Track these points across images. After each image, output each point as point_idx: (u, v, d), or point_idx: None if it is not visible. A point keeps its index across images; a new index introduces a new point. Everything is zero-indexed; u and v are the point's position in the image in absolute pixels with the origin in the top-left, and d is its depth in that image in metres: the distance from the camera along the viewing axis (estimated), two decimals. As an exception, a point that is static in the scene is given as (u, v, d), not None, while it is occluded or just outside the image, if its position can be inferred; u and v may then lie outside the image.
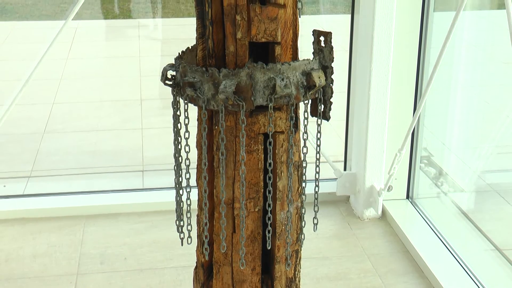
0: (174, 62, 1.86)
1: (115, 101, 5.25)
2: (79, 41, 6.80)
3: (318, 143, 1.87)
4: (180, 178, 1.95)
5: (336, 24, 6.74)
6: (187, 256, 2.85)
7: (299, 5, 1.75)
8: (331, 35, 1.76)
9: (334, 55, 1.80)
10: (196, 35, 1.81)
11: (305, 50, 1.93)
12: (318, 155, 1.89)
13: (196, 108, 1.82)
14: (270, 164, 1.77)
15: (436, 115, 3.62)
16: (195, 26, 1.80)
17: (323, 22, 6.91)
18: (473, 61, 3.71)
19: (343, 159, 3.60)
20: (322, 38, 1.78)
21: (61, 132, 4.58)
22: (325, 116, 1.82)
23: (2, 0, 8.23)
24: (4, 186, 3.75)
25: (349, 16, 3.43)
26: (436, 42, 3.24)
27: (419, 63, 3.28)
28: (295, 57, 1.78)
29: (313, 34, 1.81)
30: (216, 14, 1.72)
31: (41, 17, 8.24)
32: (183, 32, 6.51)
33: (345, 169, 3.56)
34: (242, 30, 1.69)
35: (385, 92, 3.20)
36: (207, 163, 1.80)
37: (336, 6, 7.22)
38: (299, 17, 1.76)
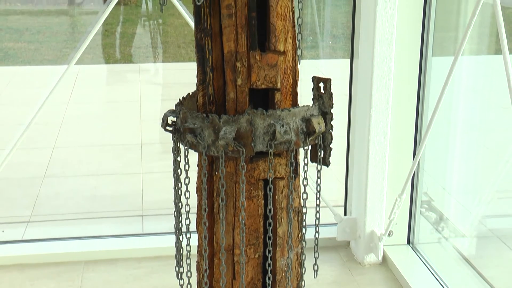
0: (174, 108, 1.87)
1: (116, 145, 5.26)
2: (81, 85, 6.85)
3: (318, 189, 1.87)
4: (180, 224, 1.94)
5: (336, 69, 6.79)
6: (187, 303, 2.82)
7: (298, 52, 1.77)
8: (331, 82, 1.78)
9: (334, 101, 1.81)
10: (196, 81, 1.83)
11: (305, 94, 1.95)
12: (318, 201, 1.88)
13: (196, 153, 1.82)
14: (270, 210, 1.77)
15: (436, 160, 3.62)
16: (196, 71, 1.82)
17: (322, 66, 6.97)
18: (472, 105, 3.73)
19: (343, 203, 3.59)
20: (321, 85, 1.80)
21: (61, 177, 4.57)
22: (325, 162, 1.83)
23: (5, 45, 8.33)
24: (3, 231, 3.73)
25: (349, 60, 3.46)
26: (434, 87, 3.26)
27: (418, 107, 3.29)
28: (294, 103, 1.79)
29: (312, 81, 1.83)
30: (216, 60, 1.74)
31: (43, 62, 8.31)
32: (184, 76, 6.56)
33: (345, 214, 3.55)
34: (242, 77, 1.71)
35: (385, 137, 3.20)
36: (207, 209, 1.80)
37: (335, 51, 7.29)
38: (299, 63, 1.78)
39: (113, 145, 5.28)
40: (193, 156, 1.82)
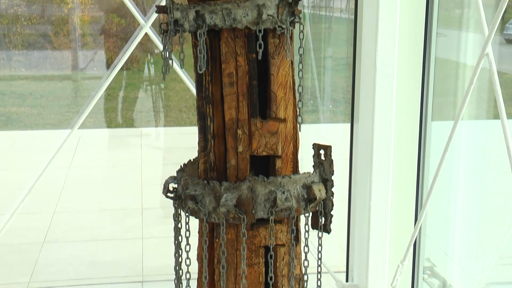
0: (176, 174, 1.87)
1: (116, 210, 5.24)
2: (82, 149, 6.88)
3: (320, 256, 1.85)
4: (181, 292, 1.92)
5: (336, 133, 6.83)
6: None
7: (299, 119, 1.79)
8: (331, 149, 1.79)
9: (334, 165, 1.82)
10: (198, 147, 1.84)
11: (306, 158, 1.95)
12: (319, 268, 1.87)
13: (197, 219, 1.82)
14: (271, 277, 1.75)
15: (437, 225, 3.60)
16: (197, 137, 1.83)
17: (323, 130, 7.01)
18: (472, 170, 3.74)
19: (344, 269, 3.55)
20: (322, 152, 1.81)
21: (60, 242, 4.54)
22: (326, 228, 1.82)
23: (8, 110, 8.40)
24: (0, 298, 3.68)
25: (349, 125, 3.48)
26: (435, 152, 3.27)
27: (419, 172, 3.30)
28: (295, 170, 1.80)
29: (313, 148, 1.84)
30: (218, 128, 1.76)
31: (46, 126, 8.37)
32: (185, 140, 6.61)
33: (347, 280, 3.50)
34: (244, 144, 1.72)
35: (386, 202, 3.20)
36: (207, 276, 1.78)
37: (336, 115, 7.36)
38: (299, 131, 1.80)
39: (114, 209, 5.27)
40: (194, 222, 1.82)
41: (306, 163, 1.92)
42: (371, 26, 3.10)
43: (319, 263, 1.86)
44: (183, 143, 7.00)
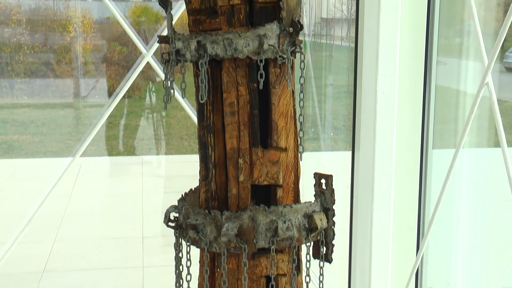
0: (177, 203, 1.87)
1: (117, 238, 5.22)
2: (83, 177, 6.87)
3: (321, 286, 1.84)
4: (181, 322, 1.90)
5: (337, 161, 6.83)
6: None
7: (300, 148, 1.79)
8: (332, 178, 1.79)
9: (335, 194, 1.82)
10: (199, 176, 1.84)
11: (306, 187, 1.95)
12: (321, 298, 1.86)
13: (198, 249, 1.81)
14: (272, 308, 1.74)
15: (439, 254, 3.58)
16: (198, 166, 1.83)
17: (324, 158, 7.01)
18: (474, 198, 3.73)
19: (347, 299, 3.53)
20: (323, 181, 1.81)
21: (60, 271, 4.52)
22: (327, 258, 1.81)
23: (10, 137, 8.42)
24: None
25: (350, 153, 3.48)
26: (436, 180, 3.27)
27: (420, 200, 3.29)
28: (296, 199, 1.80)
29: (314, 177, 1.83)
30: (219, 157, 1.76)
31: (47, 154, 8.38)
32: (186, 169, 6.60)
33: (349, 309, 3.48)
34: (245, 173, 1.72)
35: (387, 231, 3.18)
36: (209, 307, 1.77)
37: (337, 143, 7.36)
38: (300, 160, 1.80)
39: (114, 238, 5.25)
40: (195, 252, 1.81)
41: (307, 191, 1.92)
42: (372, 55, 3.12)
43: (321, 293, 1.85)
44: (184, 171, 7.00)
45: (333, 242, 1.81)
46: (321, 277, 1.83)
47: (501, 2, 3.76)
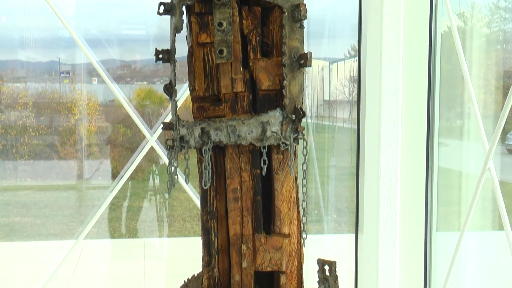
0: (179, 290, 1.85)
1: (118, 324, 5.12)
2: (85, 260, 6.81)
3: None
4: None
5: (341, 244, 6.77)
6: None
7: (303, 235, 1.79)
8: (336, 265, 1.78)
9: (340, 278, 1.80)
10: (202, 263, 1.82)
11: (310, 271, 1.93)
12: None
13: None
14: None
15: None
16: (201, 251, 1.82)
17: (327, 241, 6.95)
18: (480, 282, 3.67)
19: None
20: (327, 267, 1.79)
21: None
22: None
23: (12, 220, 8.39)
24: None
25: (353, 235, 3.46)
26: (441, 263, 3.23)
27: (425, 285, 3.24)
28: (300, 285, 1.78)
29: (317, 263, 1.82)
30: (222, 243, 1.75)
31: (49, 237, 8.33)
32: (189, 252, 6.54)
33: None
34: (248, 259, 1.71)
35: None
36: None
37: (340, 225, 7.32)
38: (304, 246, 1.79)
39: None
40: None
41: (311, 276, 1.90)
42: (374, 136, 3.15)
43: None
44: (187, 254, 6.93)
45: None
46: None
47: (500, 85, 3.82)
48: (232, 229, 1.73)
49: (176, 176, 1.82)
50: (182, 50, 1.94)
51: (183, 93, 3.36)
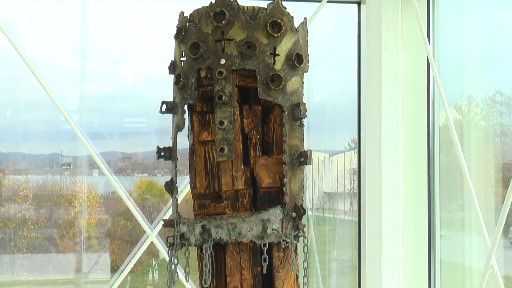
0: None
1: None
2: None
3: None
4: None
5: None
6: None
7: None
8: None
9: None
10: None
11: None
12: None
13: None
14: None
15: None
16: None
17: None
18: None
19: None
20: None
21: None
22: None
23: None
24: None
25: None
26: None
27: None
28: None
29: None
30: None
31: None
32: None
33: None
34: None
35: None
36: None
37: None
38: None
39: None
40: None
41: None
42: (375, 229, 3.14)
43: None
44: None
45: None
46: None
47: (499, 178, 3.83)
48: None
49: (176, 274, 1.80)
50: (183, 142, 1.97)
51: (184, 187, 3.37)
